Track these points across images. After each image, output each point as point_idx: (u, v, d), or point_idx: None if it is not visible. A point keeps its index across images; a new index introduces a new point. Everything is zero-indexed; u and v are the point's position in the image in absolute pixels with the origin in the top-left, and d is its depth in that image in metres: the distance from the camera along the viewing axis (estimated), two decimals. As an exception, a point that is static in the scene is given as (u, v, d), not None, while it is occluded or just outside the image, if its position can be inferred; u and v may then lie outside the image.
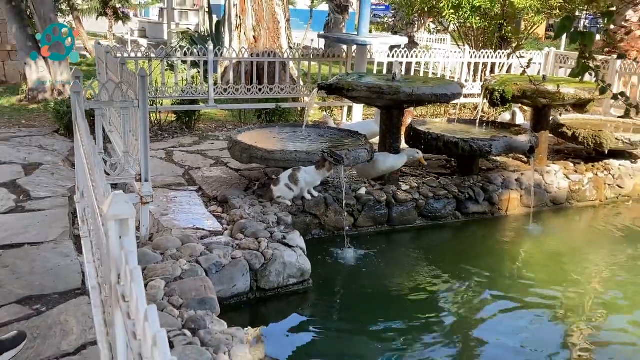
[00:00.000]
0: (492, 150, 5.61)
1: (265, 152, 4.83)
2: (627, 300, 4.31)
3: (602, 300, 4.29)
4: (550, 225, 5.67)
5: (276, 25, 10.20)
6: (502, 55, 9.29)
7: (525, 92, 6.06)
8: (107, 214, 1.30)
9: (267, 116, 8.06)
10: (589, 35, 2.45)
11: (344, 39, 7.93)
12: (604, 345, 3.75)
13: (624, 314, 4.13)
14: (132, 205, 1.32)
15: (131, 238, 1.31)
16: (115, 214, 1.30)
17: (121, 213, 1.30)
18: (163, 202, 4.79)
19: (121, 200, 1.30)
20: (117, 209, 1.30)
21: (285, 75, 8.49)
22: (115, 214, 1.30)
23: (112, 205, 1.30)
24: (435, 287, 4.33)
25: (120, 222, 1.31)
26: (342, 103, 8.32)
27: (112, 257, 1.33)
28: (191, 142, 6.99)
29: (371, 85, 5.10)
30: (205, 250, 3.78)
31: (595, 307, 4.18)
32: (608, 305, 4.21)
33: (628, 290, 4.44)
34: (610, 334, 3.89)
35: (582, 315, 4.05)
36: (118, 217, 1.30)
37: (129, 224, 1.31)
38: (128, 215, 1.30)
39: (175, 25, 17.20)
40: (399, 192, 5.28)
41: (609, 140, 6.41)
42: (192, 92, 7.48)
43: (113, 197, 1.30)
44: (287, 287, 3.93)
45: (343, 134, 5.71)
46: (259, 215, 4.47)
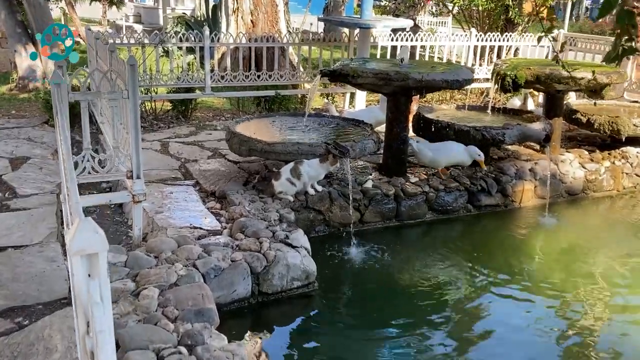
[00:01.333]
0: (506, 139, 5.31)
1: (265, 144, 4.53)
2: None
3: (616, 295, 4.07)
4: (567, 218, 5.39)
5: (274, 9, 9.83)
6: (509, 38, 8.94)
7: (539, 77, 5.75)
8: (72, 247, 1.01)
9: (267, 104, 7.74)
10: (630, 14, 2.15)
11: (347, 22, 7.59)
12: (616, 339, 3.56)
13: None
14: (102, 236, 1.03)
15: (102, 279, 1.02)
16: (81, 248, 1.01)
17: (88, 247, 1.01)
18: (158, 199, 4.49)
19: (89, 229, 1.01)
20: (84, 241, 1.01)
21: (284, 61, 8.16)
22: (82, 248, 1.01)
23: (78, 235, 1.01)
24: (447, 286, 4.07)
25: (88, 257, 1.02)
26: (344, 89, 8.00)
27: (79, 300, 1.05)
28: (187, 133, 6.68)
29: (377, 71, 4.79)
30: (202, 252, 3.50)
31: (609, 302, 3.96)
32: (623, 300, 4.03)
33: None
34: (624, 328, 3.69)
35: (598, 310, 3.85)
36: (85, 252, 1.01)
37: (99, 261, 1.02)
38: (97, 249, 1.01)
39: (170, 10, 16.77)
40: (407, 185, 4.99)
41: (627, 126, 6.10)
42: (188, 80, 7.16)
43: (79, 224, 1.01)
44: (291, 290, 3.65)
45: (347, 123, 5.41)
46: (260, 212, 4.19)
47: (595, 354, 3.39)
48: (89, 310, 1.01)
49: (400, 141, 5.24)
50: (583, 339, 3.52)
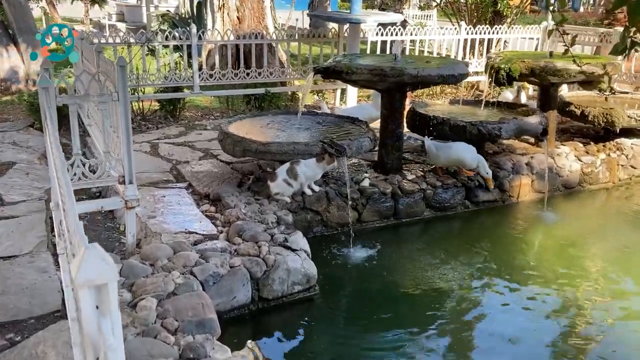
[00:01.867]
0: (502, 133, 5.24)
1: (260, 144, 4.41)
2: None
3: (617, 290, 4.04)
4: (565, 212, 5.34)
5: (261, 5, 9.69)
6: (499, 30, 8.88)
7: (533, 70, 5.69)
8: (78, 278, 0.90)
9: (256, 102, 7.62)
10: None
11: (336, 17, 7.47)
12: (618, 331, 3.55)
13: None
14: (111, 264, 0.92)
15: (113, 313, 0.91)
16: (88, 279, 0.90)
17: (97, 277, 0.90)
18: (150, 203, 4.37)
19: (96, 257, 0.90)
20: (92, 272, 0.90)
21: (273, 58, 8.03)
22: (89, 279, 0.90)
23: (84, 265, 0.90)
24: (448, 285, 3.99)
25: (96, 289, 0.91)
26: (335, 86, 7.89)
27: (88, 335, 0.94)
28: (177, 133, 6.54)
29: (373, 67, 4.69)
30: (200, 258, 3.39)
31: (610, 297, 3.93)
32: (624, 295, 4.00)
33: None
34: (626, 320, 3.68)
35: (600, 305, 3.82)
36: (93, 283, 0.90)
37: (108, 292, 0.91)
38: (107, 278, 0.91)
39: (154, 7, 16.51)
40: (404, 182, 4.91)
41: (621, 118, 6.06)
42: (176, 79, 7.01)
43: (85, 254, 0.90)
44: (291, 295, 3.55)
45: (341, 120, 5.30)
46: (257, 214, 4.08)
47: (599, 347, 3.37)
48: (99, 346, 0.90)
49: (396, 138, 5.15)
50: (587, 333, 3.50)
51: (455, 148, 5.06)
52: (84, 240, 0.99)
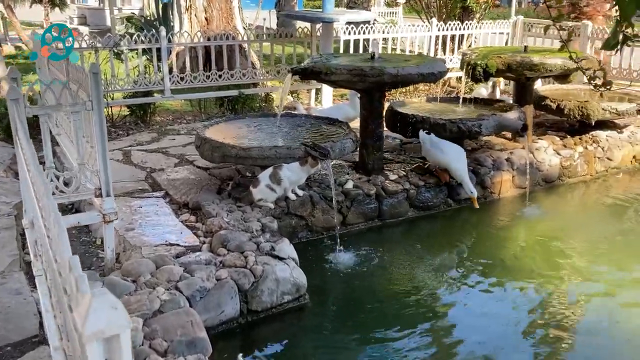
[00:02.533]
0: (482, 130, 5.21)
1: (240, 149, 4.28)
2: (623, 279, 4.09)
3: (601, 279, 4.09)
4: (546, 206, 5.34)
5: (228, 5, 9.51)
6: (469, 26, 8.90)
7: (510, 65, 5.67)
8: (86, 331, 0.77)
9: (230, 104, 7.46)
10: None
11: (309, 16, 7.36)
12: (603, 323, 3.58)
13: (621, 293, 3.94)
14: (123, 311, 0.79)
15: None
16: (99, 330, 0.77)
17: (108, 328, 0.77)
18: (127, 214, 4.19)
19: (106, 305, 0.78)
20: (101, 322, 0.77)
21: (245, 59, 7.87)
22: (100, 330, 0.77)
23: (93, 315, 0.77)
24: (435, 284, 3.95)
25: (106, 340, 0.79)
26: (309, 86, 7.77)
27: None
28: (149, 139, 6.34)
29: (352, 67, 4.60)
30: (184, 272, 3.24)
31: (594, 288, 3.98)
32: (607, 283, 4.05)
33: (624, 268, 4.20)
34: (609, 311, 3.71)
35: (585, 297, 3.87)
36: (103, 335, 0.78)
37: (121, 343, 0.79)
38: (119, 328, 0.78)
39: (117, 10, 16.14)
40: (387, 183, 4.83)
41: (596, 111, 6.10)
42: (146, 83, 6.81)
43: (93, 301, 0.77)
44: (281, 305, 3.44)
45: (321, 121, 5.20)
46: (240, 222, 3.94)
47: (584, 339, 3.42)
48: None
49: (377, 138, 5.07)
50: (572, 325, 3.55)
51: (447, 152, 4.91)
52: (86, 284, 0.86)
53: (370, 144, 5.06)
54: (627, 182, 6.03)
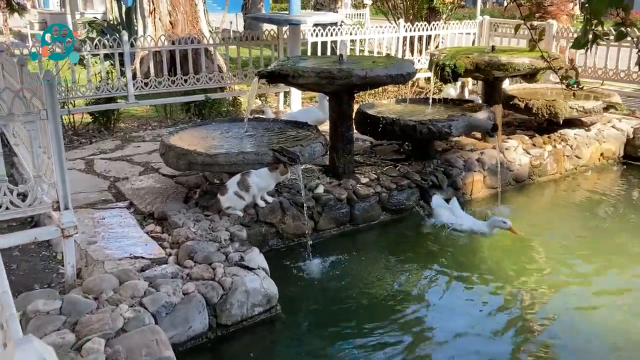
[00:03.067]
0: (452, 131, 5.17)
1: (206, 156, 4.14)
2: (592, 275, 4.11)
3: (574, 279, 4.08)
4: (518, 205, 5.33)
5: (194, 9, 9.34)
6: (437, 27, 8.90)
7: (478, 65, 5.65)
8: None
9: (196, 109, 7.30)
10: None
11: (276, 18, 7.25)
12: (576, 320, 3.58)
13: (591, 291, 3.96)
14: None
15: None
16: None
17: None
18: (89, 226, 4.02)
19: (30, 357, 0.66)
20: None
21: (211, 63, 7.71)
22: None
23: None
24: (408, 288, 3.92)
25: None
26: (278, 89, 7.66)
27: None
28: (113, 147, 6.14)
29: (320, 69, 4.50)
30: (149, 287, 3.10)
31: (567, 285, 3.98)
32: (579, 282, 4.05)
33: (593, 265, 4.23)
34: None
35: (556, 294, 3.87)
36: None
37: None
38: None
39: (79, 15, 15.77)
40: (359, 187, 4.75)
41: (564, 109, 6.14)
42: (109, 89, 6.60)
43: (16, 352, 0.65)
44: (252, 318, 3.32)
45: (290, 125, 5.09)
46: (208, 232, 3.81)
47: (555, 338, 3.40)
48: None
49: (347, 141, 4.99)
50: (545, 324, 3.54)
51: (467, 226, 4.66)
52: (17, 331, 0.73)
53: (341, 147, 4.97)
54: (595, 180, 6.08)
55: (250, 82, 7.55)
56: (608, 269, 4.18)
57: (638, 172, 6.23)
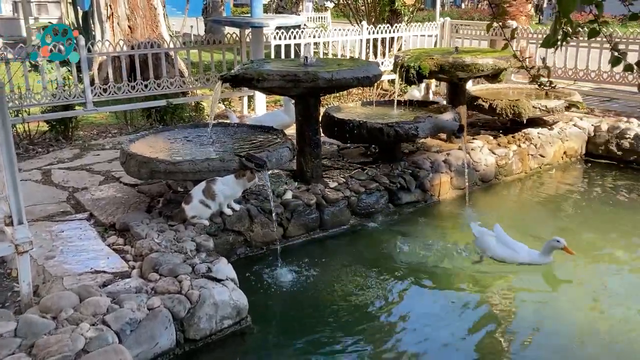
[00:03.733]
0: (419, 132, 5.15)
1: (169, 164, 4.00)
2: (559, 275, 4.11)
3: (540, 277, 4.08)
4: (485, 206, 5.34)
5: (153, 13, 9.15)
6: (399, 29, 8.91)
7: (442, 67, 5.66)
8: None
9: (158, 115, 7.11)
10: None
11: (238, 21, 7.14)
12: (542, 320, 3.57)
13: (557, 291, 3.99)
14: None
15: None
16: None
17: None
18: (47, 241, 3.83)
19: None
20: None
21: (172, 67, 7.53)
22: None
23: None
24: (379, 293, 3.85)
25: None
26: (241, 93, 7.54)
27: None
28: (72, 156, 5.91)
29: (285, 72, 4.41)
30: (112, 303, 2.94)
31: (534, 287, 3.98)
32: (547, 281, 4.06)
33: (560, 264, 4.21)
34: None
35: (527, 296, 3.88)
36: None
37: None
38: None
39: (33, 20, 15.30)
40: (328, 191, 4.68)
41: (527, 108, 6.21)
42: (66, 96, 6.37)
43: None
44: (221, 331, 3.19)
45: (255, 130, 4.98)
46: (173, 243, 3.67)
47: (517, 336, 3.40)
48: None
49: (314, 145, 4.91)
50: (509, 321, 3.55)
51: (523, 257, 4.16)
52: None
53: (308, 151, 4.89)
54: (560, 178, 6.15)
55: (213, 86, 7.41)
56: (575, 265, 4.20)
57: (600, 169, 6.33)
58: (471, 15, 25.80)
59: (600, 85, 8.08)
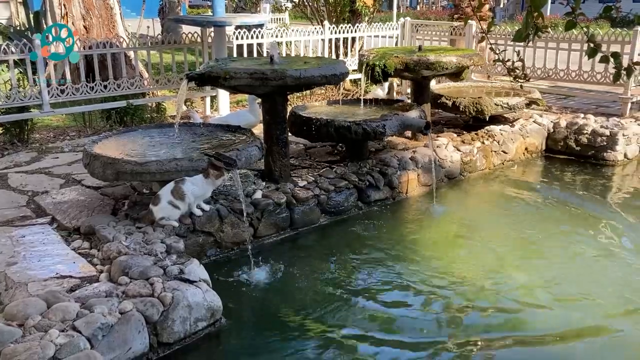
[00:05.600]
0: (386, 130, 5.17)
1: (135, 164, 3.88)
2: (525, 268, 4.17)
3: (508, 270, 4.13)
4: (452, 202, 5.40)
5: (109, 12, 8.92)
6: (361, 29, 8.96)
7: (407, 65, 5.72)
8: None
9: (118, 116, 6.92)
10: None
11: (200, 20, 7.01)
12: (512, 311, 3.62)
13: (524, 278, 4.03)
14: None
15: None
16: None
17: None
18: (7, 247, 3.66)
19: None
20: None
21: (131, 68, 7.35)
22: None
23: None
24: (352, 289, 3.85)
25: None
26: (204, 93, 7.42)
27: None
28: (29, 159, 5.69)
29: (253, 70, 4.35)
30: (81, 309, 2.84)
31: (503, 280, 4.00)
32: (513, 274, 4.09)
33: (527, 258, 4.33)
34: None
35: (495, 289, 3.87)
36: None
37: None
38: None
39: (-19, 20, 14.69)
40: (297, 190, 4.64)
41: (490, 106, 6.32)
42: (20, 98, 6.13)
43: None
44: (196, 334, 3.12)
45: (222, 130, 4.90)
46: (141, 245, 3.57)
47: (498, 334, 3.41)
48: None
49: (282, 144, 4.87)
50: (483, 319, 3.56)
51: None
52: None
53: (276, 150, 4.84)
54: (522, 173, 6.28)
55: (174, 87, 7.28)
56: (541, 258, 4.29)
57: (559, 164, 6.49)
58: (427, 17, 26.22)
59: (556, 84, 8.30)
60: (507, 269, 4.10)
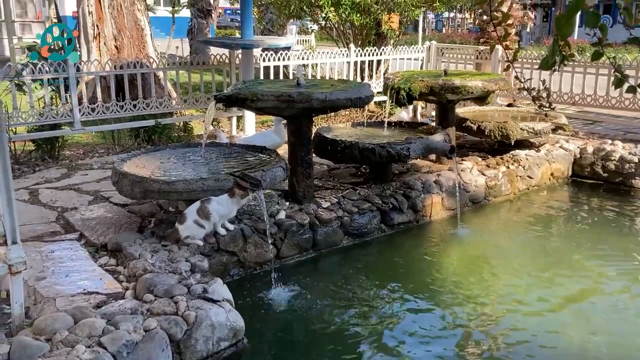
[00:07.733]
0: (411, 153, 5.18)
1: (163, 183, 3.96)
2: (551, 296, 4.10)
3: (533, 297, 4.08)
4: (476, 226, 5.36)
5: (140, 33, 9.16)
6: (386, 52, 9.03)
7: (432, 88, 5.74)
8: None
9: (146, 135, 7.06)
10: (596, 17, 2.01)
11: (228, 42, 7.16)
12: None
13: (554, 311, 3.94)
14: None
15: None
16: None
17: None
18: (37, 261, 3.75)
19: None
20: None
21: (160, 88, 7.52)
22: None
23: None
24: (375, 312, 3.82)
25: None
26: (230, 113, 7.54)
27: None
28: (59, 176, 5.83)
29: (279, 93, 4.42)
30: (107, 325, 2.88)
31: (528, 307, 3.94)
32: (540, 300, 4.03)
33: (553, 285, 4.26)
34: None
35: (519, 316, 3.82)
36: None
37: None
38: None
39: (17, 39, 15.17)
40: (321, 211, 4.66)
41: (515, 130, 6.29)
42: (53, 115, 6.31)
43: None
44: (218, 354, 3.13)
45: (248, 150, 4.96)
46: (167, 263, 3.62)
47: None
48: None
49: (306, 165, 4.91)
50: (506, 343, 3.48)
51: None
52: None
53: (300, 171, 4.89)
54: (547, 199, 6.21)
55: (201, 107, 7.42)
56: (565, 285, 4.22)
57: (586, 190, 6.41)
58: (453, 39, 26.26)
59: (583, 109, 8.24)
60: (526, 302, 4.03)
